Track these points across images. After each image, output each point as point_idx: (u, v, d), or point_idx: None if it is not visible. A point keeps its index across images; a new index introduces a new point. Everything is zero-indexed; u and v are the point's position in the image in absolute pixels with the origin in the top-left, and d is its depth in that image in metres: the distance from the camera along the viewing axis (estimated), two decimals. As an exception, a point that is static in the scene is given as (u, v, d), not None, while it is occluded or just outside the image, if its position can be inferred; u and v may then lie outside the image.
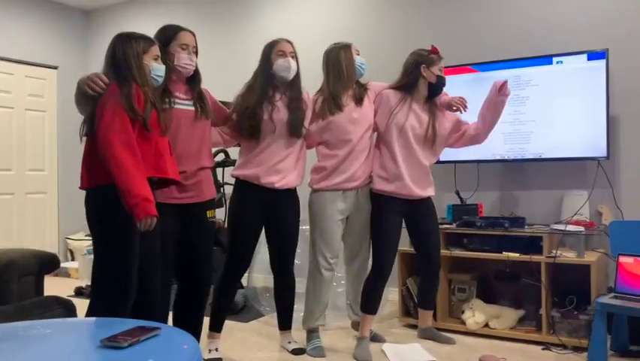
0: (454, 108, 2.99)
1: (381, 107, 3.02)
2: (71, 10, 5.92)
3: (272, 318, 3.56)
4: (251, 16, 4.94)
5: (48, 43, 5.71)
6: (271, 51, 2.84)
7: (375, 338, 3.18)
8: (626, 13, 3.39)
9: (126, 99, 2.11)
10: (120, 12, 5.80)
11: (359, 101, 2.97)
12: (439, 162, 3.74)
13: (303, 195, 3.01)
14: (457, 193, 3.71)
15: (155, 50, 2.30)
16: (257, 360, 2.91)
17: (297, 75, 2.88)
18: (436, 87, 2.98)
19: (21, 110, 5.47)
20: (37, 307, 2.32)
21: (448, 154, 3.68)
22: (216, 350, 2.90)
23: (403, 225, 3.05)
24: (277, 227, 2.92)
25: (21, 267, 2.49)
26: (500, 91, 2.90)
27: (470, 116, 3.08)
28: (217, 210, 2.82)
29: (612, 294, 2.81)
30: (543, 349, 3.02)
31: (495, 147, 3.57)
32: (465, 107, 2.98)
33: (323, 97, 2.97)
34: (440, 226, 3.43)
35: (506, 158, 3.56)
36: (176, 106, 2.51)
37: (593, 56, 3.29)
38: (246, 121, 2.78)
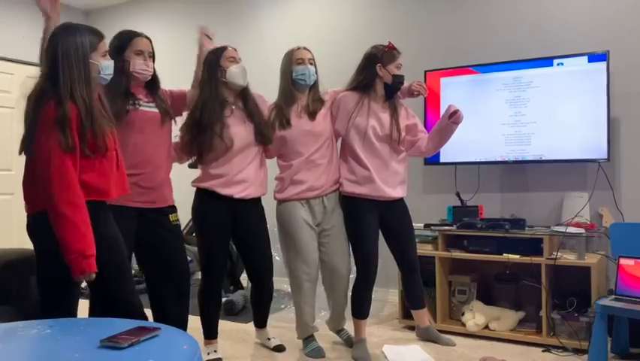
0: (415, 93, 2.96)
1: (340, 112, 2.96)
2: (71, 10, 5.92)
3: (272, 320, 3.55)
4: (251, 16, 4.93)
5: (49, 43, 5.71)
6: (221, 56, 2.74)
7: (350, 341, 3.09)
8: (627, 14, 3.39)
9: (62, 128, 1.91)
10: (120, 12, 5.80)
11: (312, 115, 2.89)
12: (439, 163, 3.74)
13: (270, 206, 3.01)
14: (458, 195, 3.71)
15: (104, 45, 2.09)
16: (256, 361, 2.91)
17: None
18: (392, 87, 2.92)
19: (22, 111, 5.45)
20: (37, 307, 2.32)
21: (449, 156, 3.68)
22: (215, 351, 2.91)
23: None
24: (244, 238, 2.90)
25: (20, 267, 2.48)
26: (451, 118, 2.84)
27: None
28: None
29: (613, 296, 2.80)
30: (543, 351, 3.02)
31: (496, 148, 3.57)
32: (425, 90, 2.94)
33: (276, 108, 2.93)
34: (440, 228, 3.43)
35: (507, 159, 3.56)
36: (141, 107, 2.51)
37: (593, 57, 3.29)
38: (199, 137, 2.69)
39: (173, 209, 2.65)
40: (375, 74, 2.90)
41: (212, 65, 2.74)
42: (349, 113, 2.92)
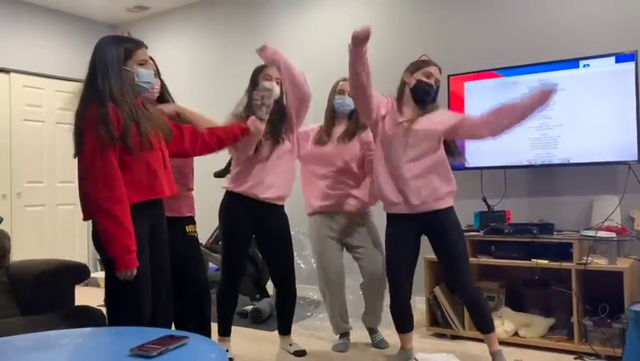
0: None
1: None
2: (98, 24, 6.05)
3: (298, 327, 3.55)
4: (271, 28, 4.97)
5: (77, 57, 5.83)
6: (260, 73, 2.96)
7: (379, 345, 3.21)
8: (655, 13, 3.32)
9: (103, 123, 1.96)
10: (145, 26, 5.90)
11: (350, 136, 3.09)
12: (465, 168, 3.70)
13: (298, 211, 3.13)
14: (484, 200, 3.67)
15: (142, 53, 2.14)
16: (284, 369, 2.91)
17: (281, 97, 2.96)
18: (417, 92, 2.73)
19: (52, 124, 5.60)
20: (69, 316, 2.37)
21: (475, 160, 3.64)
22: (227, 351, 2.98)
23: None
24: (267, 241, 3.00)
25: (52, 277, 2.53)
26: (543, 100, 2.51)
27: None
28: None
29: (647, 301, 2.74)
30: (575, 358, 2.95)
31: (522, 152, 3.53)
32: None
33: (320, 130, 3.18)
34: (467, 234, 3.36)
35: (534, 163, 3.51)
36: None
37: (621, 58, 3.23)
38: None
39: (190, 220, 2.73)
40: (404, 84, 2.80)
41: (253, 77, 2.99)
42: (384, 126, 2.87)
